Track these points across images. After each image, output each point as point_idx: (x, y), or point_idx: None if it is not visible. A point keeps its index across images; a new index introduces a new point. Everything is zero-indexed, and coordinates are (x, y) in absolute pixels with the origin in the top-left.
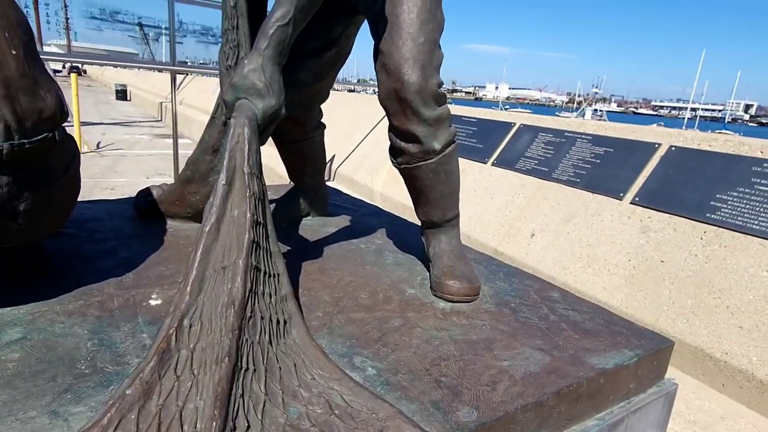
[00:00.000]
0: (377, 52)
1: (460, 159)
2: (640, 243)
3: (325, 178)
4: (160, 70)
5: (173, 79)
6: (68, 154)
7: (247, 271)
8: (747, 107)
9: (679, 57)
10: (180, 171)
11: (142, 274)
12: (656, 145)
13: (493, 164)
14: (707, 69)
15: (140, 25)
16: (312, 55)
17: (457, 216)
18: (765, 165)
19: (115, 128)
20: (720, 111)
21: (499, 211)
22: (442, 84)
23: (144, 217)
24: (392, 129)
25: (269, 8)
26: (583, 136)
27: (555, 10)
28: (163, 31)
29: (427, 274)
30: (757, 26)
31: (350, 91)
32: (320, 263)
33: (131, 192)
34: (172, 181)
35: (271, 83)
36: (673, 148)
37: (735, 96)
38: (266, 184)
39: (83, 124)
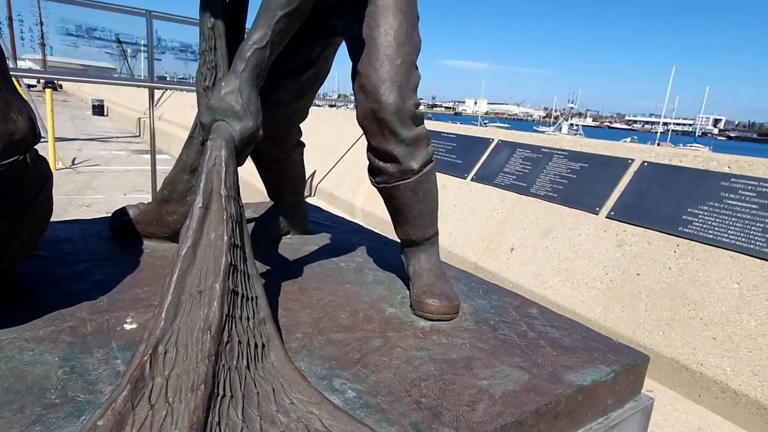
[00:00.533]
0: (355, 74)
1: (440, 174)
2: (616, 256)
3: (306, 194)
4: (138, 87)
5: (151, 96)
6: (40, 176)
7: (224, 294)
8: (716, 121)
9: (650, 73)
10: (157, 189)
11: (117, 297)
12: (629, 161)
13: (472, 179)
14: (678, 85)
15: (118, 41)
16: (291, 76)
17: (436, 234)
18: (733, 180)
19: (92, 144)
20: (690, 125)
21: (479, 225)
22: (420, 104)
23: (120, 238)
24: (371, 149)
25: (248, 24)
26: (559, 152)
27: (531, 27)
28: (142, 48)
29: (407, 292)
30: (724, 44)
31: (331, 106)
32: (300, 283)
33: (108, 209)
34: (150, 198)
35: (248, 105)
36: (646, 164)
37: (704, 111)
38: (246, 201)
39: (58, 140)
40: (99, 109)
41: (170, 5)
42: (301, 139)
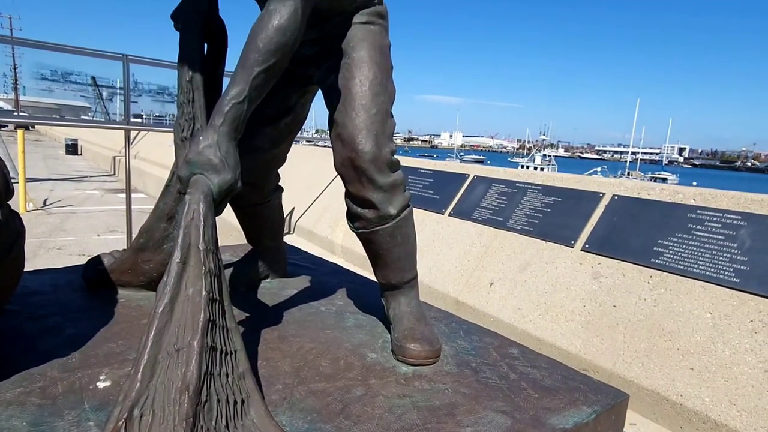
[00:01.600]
0: (332, 123)
1: (418, 210)
2: (593, 289)
3: (285, 232)
4: (113, 129)
5: (127, 137)
6: (12, 233)
7: (202, 352)
8: (680, 150)
9: (617, 105)
10: (132, 229)
11: (90, 353)
12: (600, 194)
13: (450, 215)
14: (643, 115)
15: (94, 83)
16: (268, 123)
17: (416, 277)
18: (699, 212)
19: (65, 184)
20: (657, 154)
21: (458, 260)
22: (396, 151)
23: (93, 288)
24: (348, 195)
25: (227, 68)
26: (533, 187)
27: (503, 62)
28: (118, 91)
29: (389, 336)
30: (686, 76)
31: (309, 140)
32: (279, 330)
33: (80, 251)
34: (125, 238)
35: (226, 158)
36: (616, 197)
37: (669, 140)
38: (224, 244)
39: (29, 180)
40: (73, 149)
41: (148, 48)
42: (280, 179)
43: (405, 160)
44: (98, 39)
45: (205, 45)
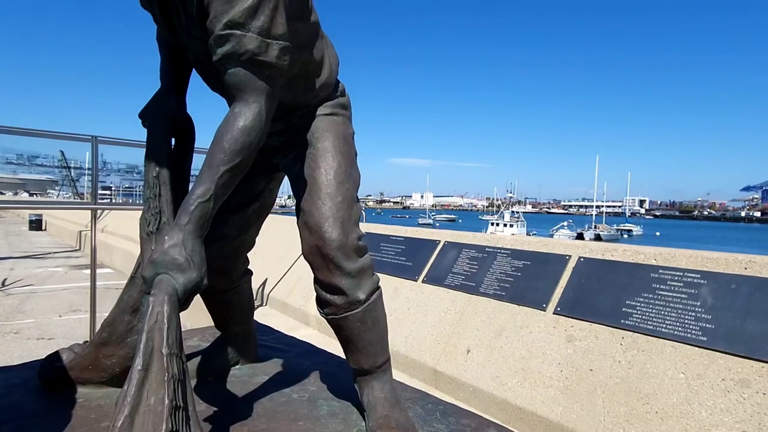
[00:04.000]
0: (299, 211)
1: (392, 277)
2: (568, 352)
3: (258, 303)
4: (80, 209)
5: (94, 215)
6: None
7: None
8: (641, 202)
9: (579, 161)
10: (96, 307)
11: None
12: (567, 257)
13: (423, 281)
14: (604, 170)
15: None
16: (236, 210)
17: (388, 360)
18: (661, 271)
19: (26, 262)
20: (620, 206)
21: (434, 328)
22: (363, 235)
23: (51, 388)
24: (317, 282)
25: (194, 162)
26: (502, 251)
27: (469, 124)
28: (86, 172)
29: (363, 423)
30: (643, 132)
31: (282, 207)
32: (249, 425)
33: (39, 334)
34: (88, 317)
35: (192, 256)
36: (582, 259)
37: (630, 193)
38: (193, 327)
39: None
40: (37, 224)
41: (115, 129)
42: (249, 263)
43: (377, 228)
44: (65, 119)
45: (173, 140)
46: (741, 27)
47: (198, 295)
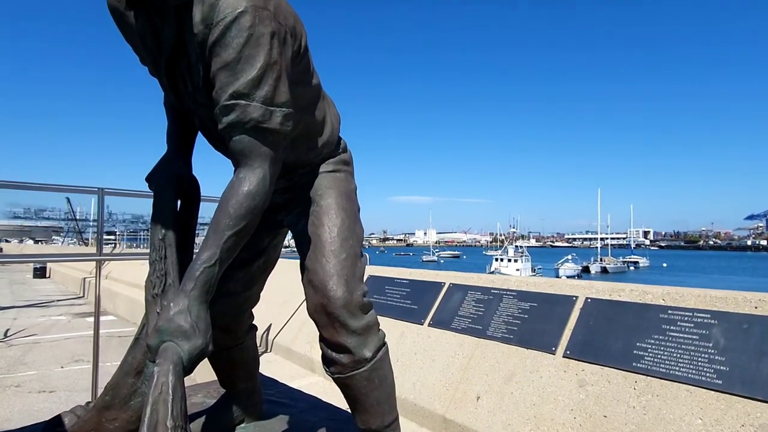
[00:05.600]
0: (303, 268)
1: (398, 322)
2: (580, 398)
3: (262, 350)
4: (85, 261)
5: (98, 268)
6: None
7: None
8: (645, 233)
9: (581, 194)
10: (99, 357)
11: None
12: (574, 298)
13: (429, 325)
14: (608, 201)
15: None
16: (241, 266)
17: (396, 419)
18: (670, 312)
19: (30, 311)
20: (624, 238)
21: (442, 374)
22: (367, 292)
23: None
24: (323, 340)
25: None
26: (508, 293)
27: (470, 162)
28: (91, 224)
29: None
30: (646, 163)
31: (285, 248)
32: None
33: (41, 387)
34: (90, 368)
35: (197, 322)
36: (589, 300)
37: (633, 225)
38: (199, 382)
39: None
40: (41, 272)
41: (121, 180)
42: (254, 318)
43: (381, 270)
44: (70, 170)
45: (179, 201)
46: (741, 57)
47: None
